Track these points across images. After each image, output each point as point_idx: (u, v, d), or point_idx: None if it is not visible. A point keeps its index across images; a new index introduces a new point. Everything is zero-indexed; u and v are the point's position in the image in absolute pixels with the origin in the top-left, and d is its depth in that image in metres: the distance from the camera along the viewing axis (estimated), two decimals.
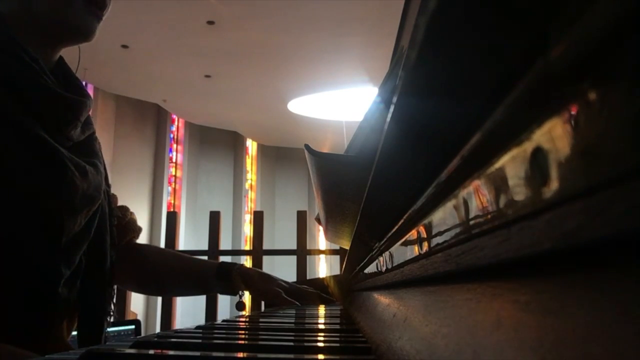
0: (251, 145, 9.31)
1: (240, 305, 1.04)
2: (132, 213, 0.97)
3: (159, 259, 1.01)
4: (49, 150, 0.64)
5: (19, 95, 0.63)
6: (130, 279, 0.99)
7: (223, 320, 0.65)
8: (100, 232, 0.75)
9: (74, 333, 0.76)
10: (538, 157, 0.13)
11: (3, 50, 0.64)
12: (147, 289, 1.13)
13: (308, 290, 1.05)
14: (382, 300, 0.45)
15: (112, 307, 0.80)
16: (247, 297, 1.06)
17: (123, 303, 2.11)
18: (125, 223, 0.93)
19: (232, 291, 1.00)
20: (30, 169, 0.62)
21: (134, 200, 6.59)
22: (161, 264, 1.00)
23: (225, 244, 2.97)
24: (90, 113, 0.77)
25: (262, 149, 9.47)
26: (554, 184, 0.12)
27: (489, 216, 0.17)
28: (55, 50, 0.75)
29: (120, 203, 0.95)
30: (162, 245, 2.41)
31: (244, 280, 0.98)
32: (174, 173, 7.77)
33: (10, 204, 0.60)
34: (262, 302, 1.23)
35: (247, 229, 8.53)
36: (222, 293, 1.05)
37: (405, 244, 0.33)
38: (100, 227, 0.75)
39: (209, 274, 0.98)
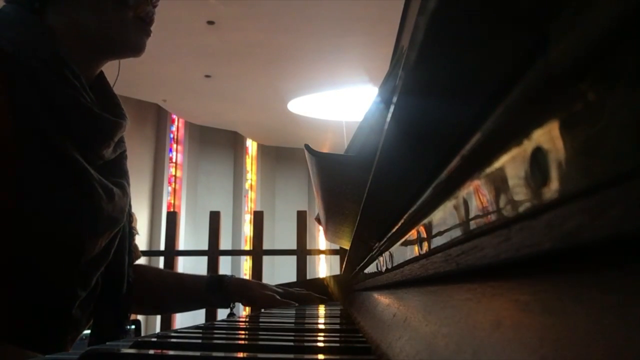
0: (251, 145, 9.31)
1: (231, 317, 1.04)
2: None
3: (155, 278, 1.01)
4: (78, 171, 0.63)
5: (57, 112, 0.63)
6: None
7: (223, 320, 0.65)
8: (119, 253, 0.74)
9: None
10: (538, 157, 0.13)
11: (47, 65, 0.63)
12: (145, 309, 1.12)
13: (302, 293, 1.05)
14: (382, 300, 0.45)
15: (128, 327, 0.80)
16: (240, 309, 1.05)
17: None
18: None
19: (226, 303, 0.99)
20: (56, 188, 0.61)
21: (134, 201, 6.54)
22: (157, 282, 0.99)
23: (225, 244, 2.97)
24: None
25: (262, 149, 9.47)
26: (554, 184, 0.12)
27: (489, 216, 0.17)
28: (100, 64, 0.74)
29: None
30: (162, 245, 2.41)
31: (236, 290, 0.98)
32: (174, 173, 7.77)
33: (32, 222, 0.60)
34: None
35: (247, 229, 8.53)
36: (216, 306, 1.05)
37: (405, 244, 0.33)
38: (120, 248, 0.74)
39: (201, 287, 0.98)
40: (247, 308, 1.06)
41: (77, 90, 0.65)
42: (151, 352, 0.32)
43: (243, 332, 0.51)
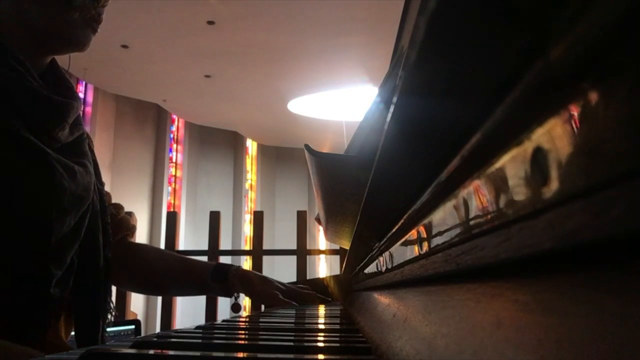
0: (251, 145, 9.31)
1: (235, 307, 1.04)
2: (129, 213, 0.97)
3: (155, 258, 1.01)
4: (36, 152, 0.64)
5: (4, 97, 0.64)
6: (125, 277, 0.99)
7: (223, 320, 0.65)
8: (91, 231, 0.75)
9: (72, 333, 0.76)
10: (538, 157, 0.13)
11: None
12: (143, 288, 1.12)
13: (305, 292, 1.05)
14: (382, 300, 0.45)
15: (111, 305, 0.80)
16: (243, 299, 1.05)
17: (123, 303, 2.11)
18: (117, 220, 0.93)
19: (228, 293, 0.99)
20: (17, 171, 0.62)
21: (134, 200, 6.59)
22: (157, 263, 1.00)
23: (225, 244, 2.97)
24: (88, 114, 0.77)
25: (262, 149, 9.47)
26: (554, 184, 0.12)
27: (489, 216, 0.17)
28: (46, 57, 0.75)
29: (120, 203, 0.95)
30: (162, 245, 2.41)
31: (240, 283, 0.98)
32: (174, 173, 7.77)
33: None
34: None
35: (247, 229, 8.53)
36: (218, 295, 1.05)
37: (405, 244, 0.33)
38: (92, 226, 0.75)
39: (205, 275, 0.98)
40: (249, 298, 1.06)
41: (22, 74, 0.66)
42: (151, 352, 0.32)
43: (243, 332, 0.51)
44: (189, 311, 6.20)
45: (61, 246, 0.68)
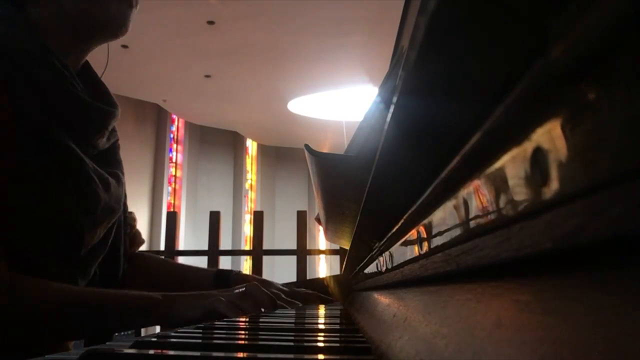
0: (251, 145, 9.31)
1: None
2: (129, 212, 0.98)
3: (161, 268, 1.01)
4: (76, 162, 0.63)
5: (49, 103, 0.63)
6: (132, 287, 0.99)
7: (223, 320, 0.65)
8: (115, 243, 0.75)
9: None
10: (538, 157, 0.13)
11: (36, 58, 0.63)
12: None
13: (307, 292, 1.05)
14: (382, 300, 0.45)
15: None
16: None
17: None
18: (132, 234, 0.93)
19: None
20: (55, 179, 0.61)
21: (134, 200, 6.58)
22: (163, 273, 1.00)
23: (225, 244, 2.97)
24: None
25: (262, 149, 9.47)
26: (554, 184, 0.12)
27: (489, 216, 0.17)
28: (85, 50, 0.74)
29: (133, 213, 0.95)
30: (162, 245, 2.41)
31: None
32: (174, 173, 7.77)
33: (33, 214, 0.60)
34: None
35: (247, 229, 8.53)
36: None
37: (405, 244, 0.33)
38: (116, 238, 0.75)
39: (207, 281, 0.98)
40: None
41: (67, 80, 0.65)
42: (151, 352, 0.32)
43: (243, 332, 0.51)
44: None
45: (88, 257, 0.68)
